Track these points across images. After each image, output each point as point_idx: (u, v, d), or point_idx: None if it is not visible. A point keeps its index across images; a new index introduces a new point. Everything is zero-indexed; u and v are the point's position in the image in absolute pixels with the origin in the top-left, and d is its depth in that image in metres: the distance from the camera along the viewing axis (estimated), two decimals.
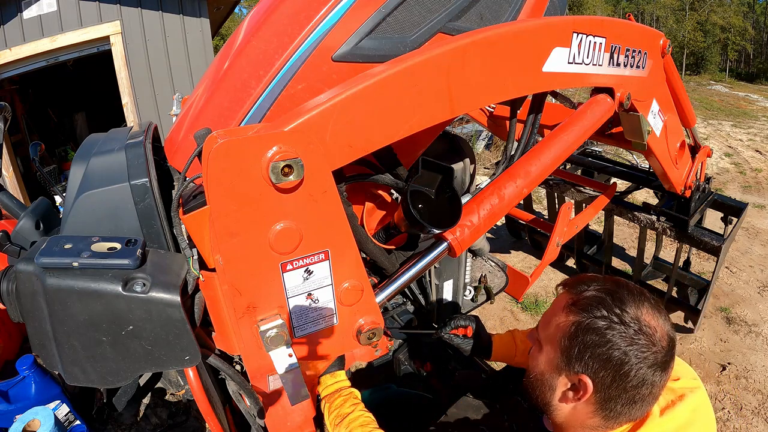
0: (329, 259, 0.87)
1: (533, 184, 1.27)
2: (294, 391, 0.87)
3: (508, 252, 4.40)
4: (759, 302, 3.58)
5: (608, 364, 0.84)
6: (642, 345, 0.83)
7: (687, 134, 2.34)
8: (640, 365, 0.83)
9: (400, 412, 1.60)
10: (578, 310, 0.89)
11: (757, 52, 39.32)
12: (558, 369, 0.92)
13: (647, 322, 0.85)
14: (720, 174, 7.12)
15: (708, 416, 0.94)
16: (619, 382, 0.84)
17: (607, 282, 0.93)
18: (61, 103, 7.06)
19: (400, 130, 0.91)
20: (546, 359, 0.95)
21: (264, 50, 1.01)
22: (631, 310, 0.85)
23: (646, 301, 0.88)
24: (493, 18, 1.18)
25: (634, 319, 0.85)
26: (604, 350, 0.84)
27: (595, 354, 0.85)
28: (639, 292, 0.90)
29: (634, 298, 0.87)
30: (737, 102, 16.45)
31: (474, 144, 7.27)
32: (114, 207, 0.90)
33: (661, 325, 0.86)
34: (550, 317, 0.97)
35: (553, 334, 0.93)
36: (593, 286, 0.92)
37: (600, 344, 0.85)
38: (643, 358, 0.83)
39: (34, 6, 4.52)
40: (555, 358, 0.92)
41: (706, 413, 0.94)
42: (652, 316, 0.86)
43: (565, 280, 1.01)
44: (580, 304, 0.90)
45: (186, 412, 2.54)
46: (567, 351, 0.89)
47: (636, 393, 0.85)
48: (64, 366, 0.83)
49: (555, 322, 0.94)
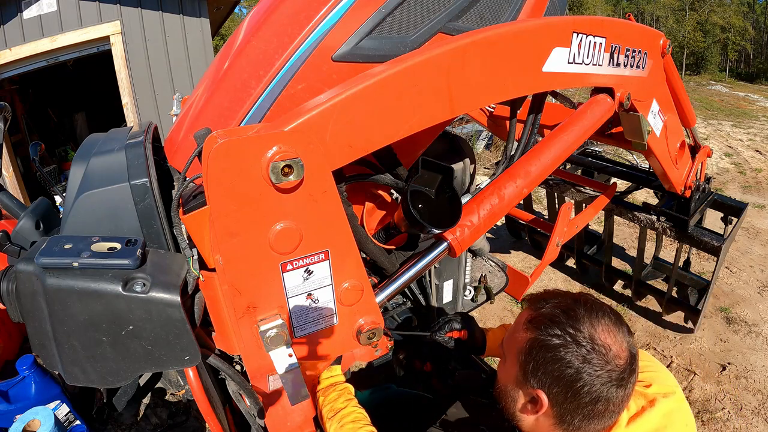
0: (329, 259, 0.87)
1: (533, 184, 1.27)
2: (294, 391, 0.87)
3: (508, 252, 4.40)
4: (759, 302, 3.58)
5: (561, 381, 0.87)
6: (595, 364, 0.85)
7: (687, 134, 2.34)
8: (594, 382, 0.85)
9: (400, 412, 1.60)
10: (534, 327, 0.92)
11: (757, 52, 39.32)
12: (517, 382, 0.95)
13: (602, 340, 0.86)
14: (720, 174, 7.12)
15: (684, 420, 0.95)
16: (573, 399, 0.86)
17: (566, 298, 0.94)
18: (61, 103, 7.06)
19: (400, 130, 0.91)
20: (508, 372, 0.98)
21: (264, 50, 1.01)
22: (585, 328, 0.87)
23: (605, 317, 0.90)
24: (493, 18, 1.17)
25: (588, 337, 0.86)
26: (557, 367, 0.87)
27: (548, 371, 0.88)
28: (597, 308, 0.91)
29: (590, 315, 0.89)
30: (737, 102, 16.45)
31: (474, 144, 7.27)
32: (114, 207, 0.90)
33: (619, 342, 0.88)
34: (512, 332, 1.00)
35: (513, 348, 0.96)
36: (551, 303, 0.94)
37: (553, 361, 0.87)
38: (597, 376, 0.85)
39: (34, 6, 4.52)
40: (515, 372, 0.95)
41: (681, 417, 0.95)
42: (608, 333, 0.88)
43: (529, 295, 1.04)
44: (535, 321, 0.92)
45: (186, 412, 2.54)
46: (524, 366, 0.92)
47: (592, 409, 0.86)
48: (64, 366, 0.83)
49: (515, 337, 0.97)
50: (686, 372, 2.91)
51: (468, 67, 0.96)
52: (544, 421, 0.93)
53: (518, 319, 1.00)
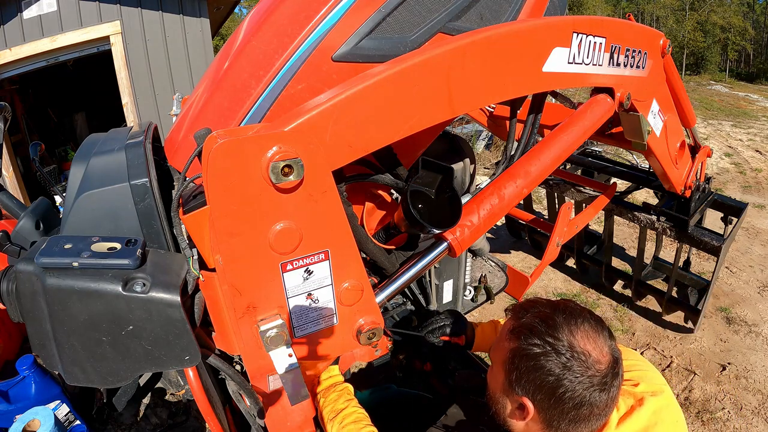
0: (329, 259, 0.87)
1: (533, 184, 1.27)
2: (294, 391, 0.87)
3: (508, 252, 4.40)
4: (759, 302, 3.58)
5: (543, 389, 0.89)
6: (575, 370, 0.87)
7: (687, 134, 2.35)
8: (576, 388, 0.87)
9: (400, 412, 1.60)
10: (515, 337, 0.95)
11: (757, 52, 39.31)
12: (504, 390, 0.97)
13: (581, 347, 0.88)
14: (720, 174, 7.12)
15: (672, 418, 0.97)
16: (557, 405, 0.89)
17: (546, 307, 0.97)
18: (61, 103, 7.06)
19: (400, 130, 0.91)
20: (495, 380, 1.01)
21: (264, 50, 1.01)
22: (564, 335, 0.89)
23: (584, 323, 0.92)
24: (493, 18, 1.18)
25: (567, 344, 0.89)
26: (538, 375, 0.89)
27: (530, 379, 0.90)
28: (577, 315, 0.93)
29: (569, 323, 0.91)
30: (737, 102, 16.44)
31: (474, 144, 7.27)
32: (114, 207, 0.90)
33: (599, 347, 0.90)
34: (498, 341, 1.02)
35: (499, 357, 0.99)
36: (531, 312, 0.97)
37: (534, 369, 0.90)
38: (578, 382, 0.87)
39: (34, 6, 4.52)
40: (501, 380, 0.98)
41: (670, 414, 0.97)
42: (587, 339, 0.90)
43: (513, 305, 1.07)
44: (516, 330, 0.95)
45: (186, 412, 2.54)
46: (509, 375, 0.95)
47: (576, 413, 0.89)
48: (64, 366, 0.83)
49: (499, 346, 1.00)
50: (686, 372, 2.91)
51: (468, 67, 0.96)
52: (533, 426, 0.95)
53: (502, 329, 1.03)
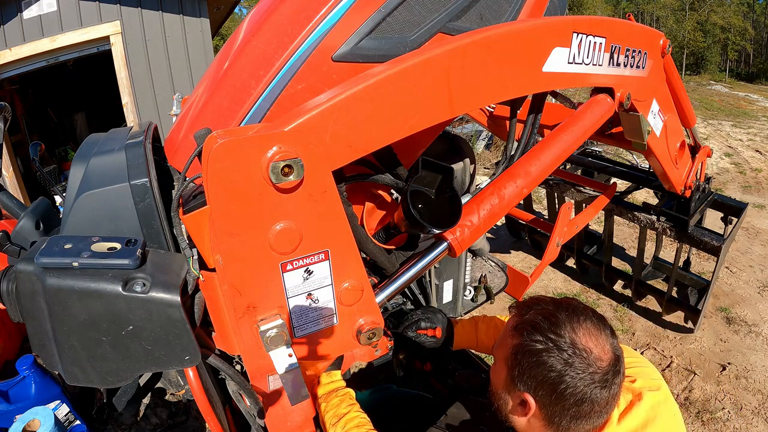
0: (329, 259, 0.87)
1: (533, 184, 1.27)
2: (294, 391, 0.87)
3: (508, 252, 4.40)
4: (759, 302, 3.58)
5: (545, 385, 0.90)
6: (576, 367, 0.88)
7: (687, 134, 2.35)
8: (577, 385, 0.88)
9: (400, 412, 1.60)
10: (518, 334, 0.96)
11: (757, 52, 39.31)
12: (507, 386, 0.98)
13: (583, 344, 0.89)
14: (720, 174, 7.12)
15: (669, 412, 0.98)
16: (558, 401, 0.90)
17: (549, 304, 0.98)
18: (61, 103, 7.06)
19: (400, 130, 0.91)
20: (498, 376, 1.01)
21: (264, 50, 1.01)
22: (566, 332, 0.90)
23: (587, 320, 0.93)
24: (493, 18, 1.17)
25: (569, 341, 0.89)
26: (540, 371, 0.90)
27: (532, 375, 0.91)
28: (579, 312, 0.94)
29: (571, 320, 0.92)
30: (737, 102, 16.44)
31: (474, 144, 7.27)
32: (114, 207, 0.90)
33: (601, 344, 0.91)
34: (501, 337, 1.04)
35: (502, 353, 1.00)
36: (534, 309, 0.98)
37: (536, 365, 0.91)
38: (579, 379, 0.88)
39: (34, 6, 4.52)
40: (504, 376, 0.99)
41: (668, 408, 0.98)
42: (589, 336, 0.91)
43: (516, 302, 1.08)
44: (519, 327, 0.96)
45: (186, 412, 2.54)
46: (511, 371, 0.96)
47: (578, 410, 0.89)
48: (64, 366, 0.83)
49: (503, 343, 1.01)
50: (686, 372, 2.91)
51: (468, 67, 0.96)
52: (535, 422, 0.96)
53: (506, 326, 1.04)
